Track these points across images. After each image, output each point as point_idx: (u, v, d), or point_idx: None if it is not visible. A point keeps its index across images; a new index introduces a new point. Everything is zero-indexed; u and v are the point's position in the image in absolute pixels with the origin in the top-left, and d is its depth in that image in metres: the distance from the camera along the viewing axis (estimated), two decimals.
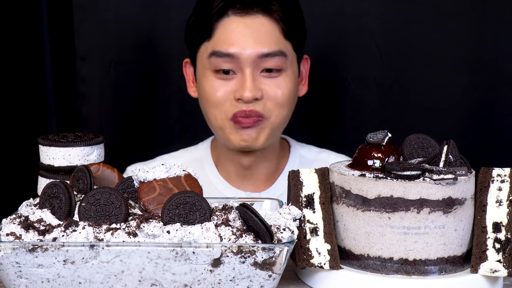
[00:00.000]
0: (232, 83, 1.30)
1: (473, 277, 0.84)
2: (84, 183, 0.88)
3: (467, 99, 1.72)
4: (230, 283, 0.77)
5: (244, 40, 1.29)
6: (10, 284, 0.79)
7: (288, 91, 1.33)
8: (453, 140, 0.89)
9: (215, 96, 1.31)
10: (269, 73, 1.31)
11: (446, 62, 1.71)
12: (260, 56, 1.29)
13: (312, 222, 0.88)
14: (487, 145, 1.72)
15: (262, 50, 1.29)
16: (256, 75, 1.30)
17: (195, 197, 0.79)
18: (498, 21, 1.68)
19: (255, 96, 1.28)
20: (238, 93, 1.29)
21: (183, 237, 0.76)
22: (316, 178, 0.91)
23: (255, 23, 1.31)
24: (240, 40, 1.29)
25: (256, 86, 1.29)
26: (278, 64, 1.30)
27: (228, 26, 1.31)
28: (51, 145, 1.00)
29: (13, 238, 0.78)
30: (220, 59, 1.30)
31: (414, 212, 0.82)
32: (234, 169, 1.42)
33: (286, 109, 1.34)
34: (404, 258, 0.84)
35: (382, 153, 0.90)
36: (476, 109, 1.73)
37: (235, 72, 1.31)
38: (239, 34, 1.30)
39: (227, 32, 1.30)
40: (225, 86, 1.31)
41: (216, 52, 1.30)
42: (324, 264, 0.86)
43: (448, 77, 1.71)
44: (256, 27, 1.30)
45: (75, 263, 0.76)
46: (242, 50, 1.28)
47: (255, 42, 1.29)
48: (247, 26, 1.30)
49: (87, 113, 1.80)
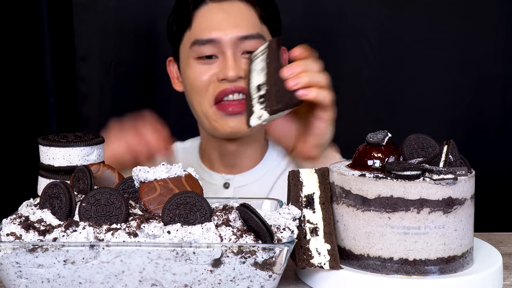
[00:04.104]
0: (215, 66, 1.33)
1: (473, 277, 0.84)
2: (85, 183, 0.88)
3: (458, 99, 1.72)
4: (230, 283, 0.77)
5: (224, 24, 1.33)
6: (10, 284, 0.79)
7: None
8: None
9: (199, 81, 1.34)
10: (250, 54, 1.32)
11: (438, 63, 1.72)
12: (240, 39, 1.32)
13: (312, 222, 0.88)
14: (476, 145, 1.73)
15: (241, 33, 1.32)
16: (237, 57, 1.33)
17: (195, 197, 0.79)
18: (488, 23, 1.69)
19: (238, 74, 1.30)
20: (222, 73, 1.31)
21: (184, 237, 0.76)
22: (316, 178, 0.91)
23: (233, 8, 1.35)
24: (220, 25, 1.33)
25: (238, 65, 1.31)
26: (257, 46, 1.31)
27: (207, 13, 1.34)
28: (51, 145, 0.99)
29: (13, 238, 0.78)
30: (202, 46, 1.33)
31: (414, 212, 0.83)
32: (218, 158, 1.43)
33: None
34: (404, 258, 0.84)
35: (382, 153, 0.90)
36: (465, 110, 1.74)
37: (217, 56, 1.34)
38: (218, 19, 1.33)
39: (207, 19, 1.34)
40: (209, 70, 1.34)
41: (198, 40, 1.33)
42: (324, 264, 0.86)
43: (439, 78, 1.72)
44: (234, 11, 1.34)
45: (75, 263, 0.76)
46: (223, 35, 1.32)
47: (235, 26, 1.33)
48: (226, 11, 1.34)
49: (87, 113, 1.80)
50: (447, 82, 1.71)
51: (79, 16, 1.73)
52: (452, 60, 1.70)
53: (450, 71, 1.71)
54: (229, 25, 1.32)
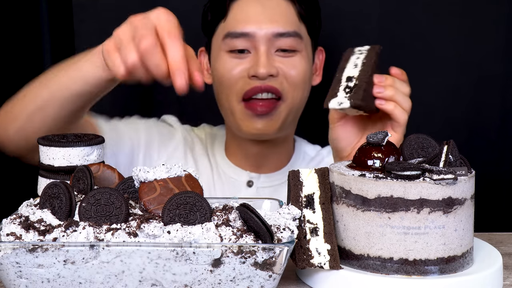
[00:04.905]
0: (247, 61, 1.28)
1: (473, 277, 0.84)
2: (85, 183, 0.88)
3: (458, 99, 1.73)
4: (230, 283, 0.77)
5: (260, 18, 1.28)
6: (10, 284, 0.79)
7: (303, 71, 1.31)
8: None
9: (229, 75, 1.29)
10: (284, 52, 1.29)
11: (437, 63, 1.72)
12: (275, 35, 1.27)
13: (312, 222, 0.88)
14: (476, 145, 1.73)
15: (277, 29, 1.27)
16: (271, 53, 1.28)
17: (195, 197, 0.79)
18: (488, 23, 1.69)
19: (269, 72, 1.26)
20: (253, 69, 1.26)
21: (184, 237, 0.76)
22: (316, 178, 0.91)
23: (271, 3, 1.30)
24: (255, 19, 1.28)
25: (271, 63, 1.27)
26: (292, 45, 1.29)
27: (243, 5, 1.30)
28: (51, 145, 1.00)
29: (13, 238, 0.78)
30: (235, 39, 1.28)
31: (414, 212, 0.83)
32: (243, 157, 1.40)
33: (300, 91, 1.32)
34: (404, 258, 0.84)
35: (382, 153, 0.90)
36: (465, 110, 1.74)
37: (249, 51, 1.29)
38: (254, 13, 1.28)
39: (243, 11, 1.29)
40: (240, 65, 1.29)
41: (231, 33, 1.28)
42: (324, 264, 0.86)
43: (439, 78, 1.72)
44: (271, 6, 1.29)
45: (75, 263, 0.76)
46: (257, 29, 1.27)
47: (271, 21, 1.27)
48: (263, 5, 1.29)
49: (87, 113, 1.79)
50: (447, 82, 1.71)
51: (79, 16, 1.73)
52: (452, 60, 1.70)
53: (450, 71, 1.71)
54: (265, 20, 1.28)
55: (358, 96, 1.06)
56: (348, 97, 1.06)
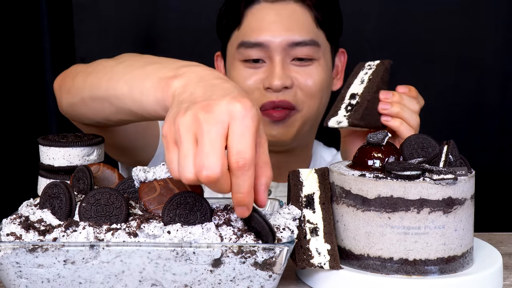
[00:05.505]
0: (261, 71, 1.25)
1: (473, 277, 0.84)
2: (85, 183, 0.88)
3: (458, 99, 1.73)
4: (230, 283, 0.77)
5: (274, 27, 1.24)
6: (10, 284, 0.79)
7: (320, 80, 1.27)
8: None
9: (245, 85, 1.25)
10: (300, 61, 1.25)
11: (438, 62, 1.72)
12: (291, 45, 1.24)
13: (312, 222, 0.88)
14: (476, 145, 1.73)
15: (293, 38, 1.24)
16: (286, 63, 1.25)
17: (195, 197, 0.79)
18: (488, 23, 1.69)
19: (284, 84, 1.22)
20: (267, 81, 1.23)
21: (184, 237, 0.76)
22: (316, 178, 0.91)
23: (286, 10, 1.25)
24: (270, 28, 1.24)
25: (286, 73, 1.23)
26: (309, 54, 1.25)
27: (258, 13, 1.25)
28: (51, 145, 0.99)
29: (13, 238, 0.78)
30: (250, 49, 1.25)
31: (414, 212, 0.83)
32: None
33: (317, 100, 1.28)
34: (404, 258, 0.84)
35: (382, 153, 0.90)
36: (465, 110, 1.74)
37: (264, 61, 1.25)
38: (269, 21, 1.24)
39: (257, 19, 1.25)
40: (255, 75, 1.25)
41: (245, 42, 1.25)
42: (324, 264, 0.86)
43: (439, 78, 1.72)
44: (287, 14, 1.25)
45: (75, 263, 0.76)
46: (272, 38, 1.23)
47: (286, 30, 1.23)
48: (278, 13, 1.25)
49: None
50: (447, 81, 1.71)
51: (79, 16, 1.73)
52: (452, 60, 1.71)
53: (450, 70, 1.71)
54: (280, 28, 1.23)
55: (357, 115, 1.05)
56: (347, 116, 1.05)
